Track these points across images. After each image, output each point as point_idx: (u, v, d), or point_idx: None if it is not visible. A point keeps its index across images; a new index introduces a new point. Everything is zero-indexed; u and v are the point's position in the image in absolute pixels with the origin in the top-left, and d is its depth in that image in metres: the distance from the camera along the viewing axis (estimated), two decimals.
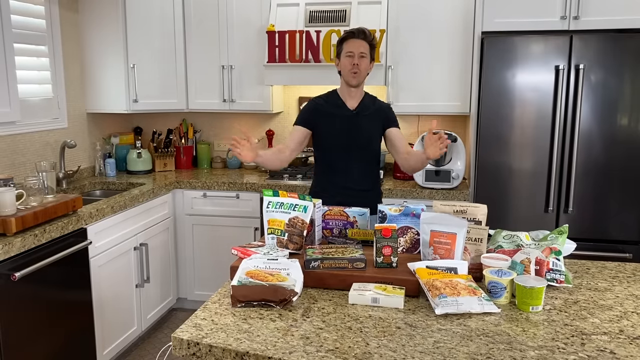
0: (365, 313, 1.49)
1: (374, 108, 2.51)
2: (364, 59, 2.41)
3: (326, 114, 2.48)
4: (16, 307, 2.21)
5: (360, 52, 2.39)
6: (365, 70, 2.44)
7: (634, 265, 1.92)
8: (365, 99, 2.52)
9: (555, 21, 2.99)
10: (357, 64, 2.39)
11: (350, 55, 2.40)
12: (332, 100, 2.52)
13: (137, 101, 3.58)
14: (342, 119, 2.47)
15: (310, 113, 2.51)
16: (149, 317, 3.28)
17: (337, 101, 2.51)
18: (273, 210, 1.89)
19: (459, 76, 3.35)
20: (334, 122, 2.47)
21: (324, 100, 2.54)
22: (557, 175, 3.01)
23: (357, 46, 2.39)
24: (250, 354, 1.27)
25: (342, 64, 2.44)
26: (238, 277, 1.58)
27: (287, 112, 3.99)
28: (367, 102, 2.52)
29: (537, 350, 1.28)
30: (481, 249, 1.76)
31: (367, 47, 2.42)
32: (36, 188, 2.43)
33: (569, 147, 2.98)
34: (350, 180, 2.48)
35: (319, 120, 2.49)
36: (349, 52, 2.40)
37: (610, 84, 2.89)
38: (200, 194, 3.51)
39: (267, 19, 3.52)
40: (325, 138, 2.50)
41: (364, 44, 2.41)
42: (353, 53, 2.39)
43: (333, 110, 2.49)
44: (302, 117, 2.53)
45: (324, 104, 2.52)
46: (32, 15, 3.11)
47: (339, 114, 2.47)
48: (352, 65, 2.39)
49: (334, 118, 2.47)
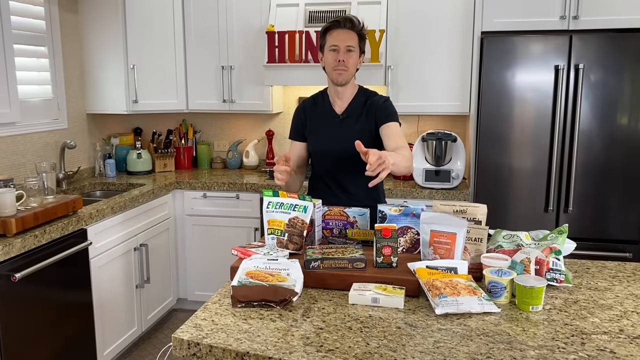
0: (365, 313, 1.49)
1: (364, 108, 2.18)
2: (352, 54, 2.09)
3: (313, 120, 2.24)
4: (16, 308, 2.21)
5: (347, 45, 2.07)
6: (354, 66, 2.13)
7: (634, 264, 1.92)
8: (357, 97, 2.21)
9: (555, 21, 2.99)
10: (342, 60, 2.08)
11: (334, 49, 2.08)
12: (320, 103, 2.26)
13: (137, 102, 3.58)
14: (328, 125, 2.21)
15: (300, 122, 2.28)
16: (149, 318, 3.28)
17: (325, 104, 2.24)
18: (273, 210, 1.89)
19: (458, 76, 3.35)
20: (320, 129, 2.22)
21: (311, 103, 2.29)
22: (557, 175, 3.01)
23: (343, 38, 2.07)
24: (251, 354, 1.27)
25: (326, 59, 2.13)
26: (238, 278, 1.58)
27: (286, 112, 3.99)
28: (358, 101, 2.20)
29: (537, 349, 1.28)
30: (481, 248, 1.76)
31: (355, 38, 2.10)
32: (36, 189, 2.43)
33: (568, 146, 2.98)
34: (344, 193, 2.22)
35: (307, 127, 2.26)
36: (333, 46, 2.08)
37: (609, 83, 2.89)
38: (200, 195, 3.51)
39: (267, 19, 3.53)
40: (313, 147, 2.26)
41: (352, 35, 2.09)
42: (338, 47, 2.07)
43: (320, 116, 2.23)
44: (294, 130, 2.31)
45: (311, 108, 2.27)
46: (32, 16, 3.11)
47: (325, 120, 2.22)
48: (336, 61, 2.08)
49: (320, 125, 2.23)
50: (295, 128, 2.31)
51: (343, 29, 2.09)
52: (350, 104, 2.21)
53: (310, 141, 2.27)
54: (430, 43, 3.36)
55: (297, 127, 2.30)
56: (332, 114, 2.22)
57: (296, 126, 2.31)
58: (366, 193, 2.19)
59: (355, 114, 2.19)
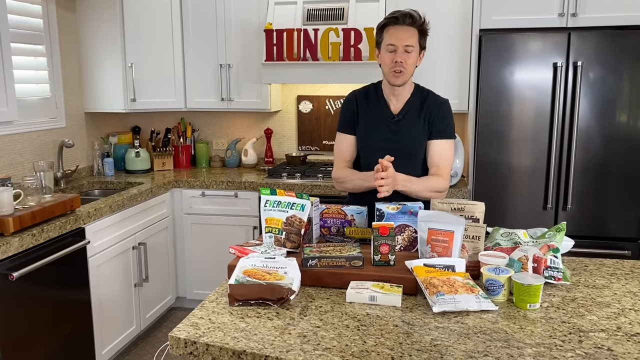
0: (362, 311, 1.49)
1: (422, 109, 2.08)
2: (411, 54, 1.96)
3: (366, 116, 2.12)
4: (14, 307, 2.21)
5: (406, 45, 1.94)
6: (413, 66, 2.00)
7: (632, 262, 1.92)
8: (414, 96, 2.11)
9: (553, 18, 2.98)
10: (400, 61, 1.95)
11: (392, 49, 1.95)
12: (373, 99, 2.13)
13: (135, 100, 3.58)
14: (383, 125, 2.09)
15: (351, 114, 2.15)
16: (147, 317, 3.27)
17: (380, 100, 2.11)
18: (270, 209, 1.89)
19: (457, 74, 3.35)
20: (374, 127, 2.10)
21: (364, 96, 2.15)
22: (556, 173, 3.01)
23: (402, 37, 1.93)
24: (247, 352, 1.27)
25: (382, 59, 2.00)
26: (235, 276, 1.58)
27: (285, 110, 3.99)
28: (415, 101, 2.10)
29: (534, 347, 1.28)
30: (479, 246, 1.76)
31: (415, 35, 1.95)
32: (34, 188, 2.43)
33: (567, 144, 2.97)
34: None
35: (358, 122, 2.14)
36: (390, 45, 1.95)
37: (608, 81, 2.88)
38: (198, 193, 3.50)
39: (265, 17, 3.52)
40: (364, 144, 2.14)
41: (412, 31, 1.94)
42: (396, 46, 1.94)
43: (374, 113, 2.11)
44: (344, 122, 2.17)
45: (364, 102, 2.14)
46: (29, 14, 3.11)
47: (380, 119, 2.10)
48: (393, 62, 1.95)
49: (374, 123, 2.10)
50: (345, 119, 2.16)
51: (402, 25, 1.95)
52: (406, 103, 2.10)
53: (362, 138, 2.14)
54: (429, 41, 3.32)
55: (348, 118, 2.15)
56: (387, 113, 2.10)
57: (346, 117, 2.16)
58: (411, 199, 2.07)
59: (412, 115, 2.09)
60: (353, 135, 2.17)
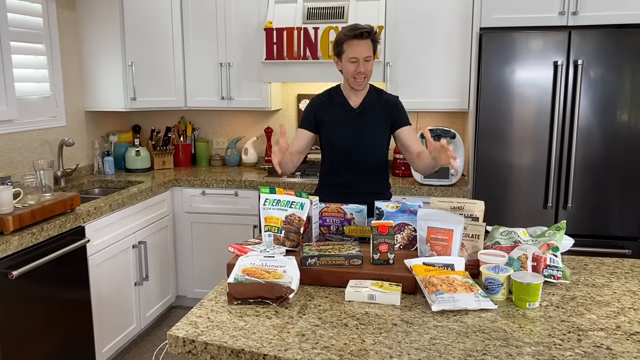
0: (361, 310, 1.49)
1: (379, 104, 2.35)
2: (370, 62, 2.23)
3: (329, 114, 2.36)
4: (14, 305, 2.21)
5: (365, 57, 2.19)
6: (371, 71, 2.27)
7: (632, 261, 1.92)
8: (370, 94, 2.37)
9: (554, 17, 2.98)
10: (362, 71, 2.21)
11: (354, 61, 2.20)
12: (335, 98, 2.38)
13: (135, 99, 3.58)
14: (345, 118, 2.34)
15: (313, 114, 2.38)
16: (148, 315, 3.28)
17: (340, 99, 2.36)
18: (270, 207, 1.89)
19: (457, 72, 3.34)
20: (337, 122, 2.34)
21: (326, 98, 2.40)
22: (556, 172, 3.00)
23: (361, 50, 2.18)
24: (246, 351, 1.27)
25: (345, 68, 2.25)
26: (234, 275, 1.58)
27: (285, 109, 3.98)
28: (371, 97, 2.36)
29: (533, 346, 1.28)
30: (478, 245, 1.76)
31: (371, 47, 2.21)
32: (34, 186, 2.43)
33: (567, 143, 2.97)
34: (357, 183, 2.37)
35: (321, 120, 2.37)
36: (352, 58, 2.19)
37: (609, 79, 2.88)
38: (199, 192, 3.50)
39: (265, 15, 3.51)
40: (328, 139, 2.38)
41: (368, 44, 2.19)
42: (357, 59, 2.19)
43: (336, 110, 2.36)
44: (305, 119, 2.40)
45: (326, 102, 2.39)
46: (29, 13, 3.10)
47: (342, 114, 2.35)
48: (357, 72, 2.21)
49: (337, 118, 2.35)
50: (305, 118, 2.41)
51: (361, 39, 2.18)
52: (365, 98, 2.36)
53: (325, 131, 2.38)
54: (429, 39, 3.35)
55: (309, 116, 2.40)
56: (348, 107, 2.36)
57: (307, 116, 2.41)
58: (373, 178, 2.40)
59: (370, 108, 2.35)
60: (309, 131, 2.39)
